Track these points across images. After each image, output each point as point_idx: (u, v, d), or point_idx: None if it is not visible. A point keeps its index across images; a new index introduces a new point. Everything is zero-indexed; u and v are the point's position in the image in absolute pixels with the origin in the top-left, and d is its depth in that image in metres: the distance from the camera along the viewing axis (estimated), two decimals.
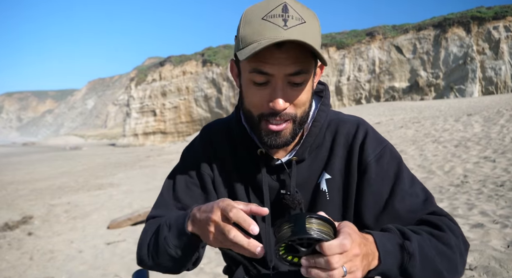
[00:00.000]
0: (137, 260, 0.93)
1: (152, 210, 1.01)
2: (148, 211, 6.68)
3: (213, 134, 1.02)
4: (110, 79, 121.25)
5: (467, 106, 14.85)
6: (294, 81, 0.79)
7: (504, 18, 23.46)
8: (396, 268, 0.72)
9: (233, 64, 0.90)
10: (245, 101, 0.86)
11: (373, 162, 0.88)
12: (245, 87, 0.83)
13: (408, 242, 0.73)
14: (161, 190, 1.03)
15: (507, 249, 2.77)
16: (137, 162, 17.54)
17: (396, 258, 0.71)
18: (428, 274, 0.75)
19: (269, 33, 0.74)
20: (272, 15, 0.75)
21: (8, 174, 15.23)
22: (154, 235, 0.88)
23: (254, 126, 0.85)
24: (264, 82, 0.79)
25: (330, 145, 0.92)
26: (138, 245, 0.93)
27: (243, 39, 0.78)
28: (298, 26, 0.75)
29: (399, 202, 0.85)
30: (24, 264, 4.70)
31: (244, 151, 0.97)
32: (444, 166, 6.12)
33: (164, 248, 0.83)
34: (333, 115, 0.96)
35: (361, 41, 28.83)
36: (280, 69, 0.76)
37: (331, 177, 0.90)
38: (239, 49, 0.78)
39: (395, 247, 0.72)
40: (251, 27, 0.77)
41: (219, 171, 0.98)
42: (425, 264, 0.74)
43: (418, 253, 0.73)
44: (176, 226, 0.82)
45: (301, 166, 0.92)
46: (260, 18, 0.76)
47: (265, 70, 0.77)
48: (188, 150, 1.05)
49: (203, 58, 36.76)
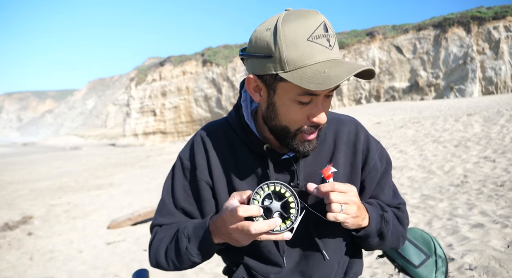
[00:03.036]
0: (153, 264, 1.01)
1: (157, 216, 1.04)
2: (148, 211, 6.68)
3: (209, 137, 1.02)
4: (110, 79, 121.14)
5: (467, 106, 14.84)
6: (329, 95, 0.86)
7: (504, 18, 23.44)
8: (375, 231, 0.93)
9: (252, 79, 0.87)
10: (281, 118, 0.87)
11: (378, 161, 1.02)
12: (286, 107, 0.85)
13: (385, 213, 0.96)
14: (161, 196, 1.05)
15: (507, 249, 2.77)
16: (137, 162, 17.53)
17: (378, 223, 0.93)
18: (393, 238, 1.00)
19: (320, 56, 0.78)
20: (316, 36, 0.78)
21: (8, 174, 15.23)
22: (174, 245, 0.94)
23: (288, 138, 0.89)
24: (309, 101, 0.83)
25: (333, 141, 1.00)
26: (152, 253, 1.00)
27: (290, 62, 0.78)
28: (336, 43, 0.82)
29: (384, 194, 1.05)
30: (24, 264, 4.70)
31: (246, 149, 0.98)
32: (444, 166, 6.12)
33: (187, 257, 0.92)
34: (330, 114, 1.02)
35: (361, 41, 28.82)
36: (325, 89, 0.79)
37: (337, 171, 0.97)
38: (286, 71, 0.79)
39: (378, 215, 0.94)
40: (299, 49, 0.78)
41: (218, 174, 0.99)
42: (393, 230, 0.98)
43: (391, 221, 0.97)
44: (197, 237, 0.91)
45: (306, 160, 0.97)
46: (305, 39, 0.78)
47: (314, 91, 0.80)
48: (184, 154, 1.04)
49: (203, 58, 36.73)
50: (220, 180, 0.99)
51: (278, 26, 0.79)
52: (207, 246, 0.89)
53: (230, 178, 0.98)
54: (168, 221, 1.02)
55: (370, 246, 0.99)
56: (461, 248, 2.92)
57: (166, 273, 3.14)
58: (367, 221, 0.91)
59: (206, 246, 0.89)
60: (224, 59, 34.79)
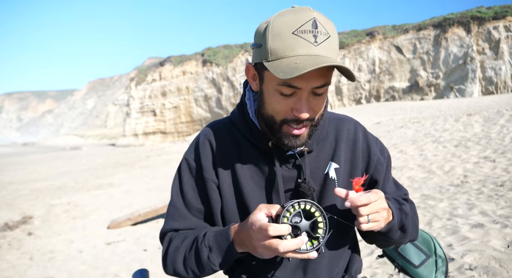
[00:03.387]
0: (170, 273, 1.00)
1: (169, 221, 1.03)
2: (148, 211, 6.67)
3: (214, 135, 1.02)
4: (110, 79, 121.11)
5: (467, 106, 14.84)
6: (318, 92, 0.85)
7: (504, 18, 23.43)
8: (397, 225, 0.94)
9: (250, 68, 0.93)
10: (267, 107, 0.89)
11: (380, 156, 1.05)
12: (269, 95, 0.87)
13: (403, 206, 0.99)
14: (171, 200, 1.04)
15: (507, 249, 2.77)
16: (137, 162, 17.53)
17: (398, 217, 0.95)
18: (413, 229, 1.02)
19: (301, 50, 0.79)
20: (302, 31, 0.79)
21: (8, 174, 15.23)
22: (194, 254, 0.94)
23: (273, 130, 0.90)
24: (291, 93, 0.84)
25: (334, 139, 1.02)
26: (169, 262, 0.99)
27: (273, 52, 0.81)
28: (325, 41, 0.80)
29: (388, 187, 1.07)
30: (24, 264, 4.70)
31: (251, 146, 0.98)
32: (444, 166, 6.11)
33: (209, 266, 0.93)
34: (329, 114, 1.05)
35: (361, 41, 28.81)
36: (308, 84, 0.82)
37: (339, 167, 0.99)
38: (268, 60, 0.82)
39: (397, 209, 0.96)
40: (282, 41, 0.80)
41: (224, 172, 0.99)
42: (412, 222, 1.00)
43: (410, 213, 0.99)
44: (219, 247, 0.91)
45: (310, 156, 0.98)
46: (290, 32, 0.80)
47: (294, 84, 0.82)
48: (189, 154, 1.04)
49: (203, 58, 36.71)
50: (226, 178, 0.99)
51: (271, 19, 0.84)
52: (231, 257, 0.90)
53: (236, 176, 0.98)
54: (181, 225, 1.01)
55: (391, 240, 0.98)
56: (461, 248, 2.92)
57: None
58: (391, 216, 0.92)
59: (230, 256, 0.90)
60: (224, 59, 34.77)
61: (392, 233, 0.94)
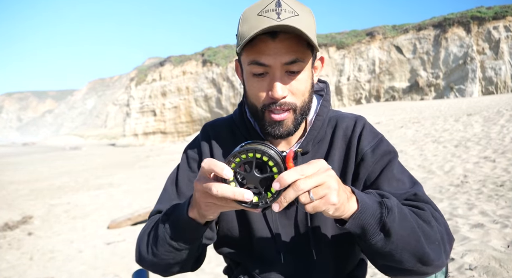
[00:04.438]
0: (136, 257, 0.92)
1: (156, 204, 1.02)
2: (148, 211, 6.69)
3: (214, 130, 1.04)
4: (110, 79, 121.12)
5: (467, 106, 14.84)
6: (291, 70, 0.82)
7: (504, 18, 23.43)
8: (375, 222, 0.72)
9: (237, 63, 0.93)
10: (248, 95, 0.89)
11: (369, 152, 0.93)
12: (247, 81, 0.87)
13: (386, 199, 0.75)
14: (164, 186, 1.05)
15: (507, 249, 2.77)
16: (137, 162, 17.53)
17: (375, 211, 0.72)
18: (407, 235, 0.74)
19: (263, 26, 0.77)
20: (266, 11, 0.79)
21: (8, 174, 15.23)
22: (154, 227, 0.87)
23: (258, 119, 0.89)
24: (262, 73, 0.83)
25: (330, 138, 0.98)
26: (137, 240, 0.93)
27: (241, 36, 0.81)
28: (291, 18, 0.78)
29: (387, 185, 0.88)
30: (24, 264, 4.70)
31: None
32: (444, 166, 6.11)
33: (164, 236, 0.81)
34: (334, 113, 1.01)
35: (361, 41, 28.81)
36: (276, 59, 0.80)
37: (331, 167, 0.92)
38: (239, 45, 0.82)
39: (374, 202, 0.73)
40: (247, 23, 0.80)
41: None
42: (404, 223, 0.74)
43: (397, 209, 0.74)
44: (175, 213, 0.81)
45: (305, 157, 0.95)
46: (255, 14, 0.80)
47: (261, 61, 0.81)
48: (190, 146, 1.07)
49: (203, 58, 36.72)
50: None
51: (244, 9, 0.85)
52: (183, 223, 0.78)
53: None
54: (166, 207, 0.94)
55: (374, 247, 0.74)
56: (461, 248, 2.92)
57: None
58: (355, 204, 0.71)
59: (182, 222, 0.79)
60: (224, 59, 34.78)
61: (370, 235, 0.72)
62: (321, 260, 0.96)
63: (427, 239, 0.76)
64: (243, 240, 0.98)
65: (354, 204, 0.71)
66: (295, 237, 0.95)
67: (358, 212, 0.70)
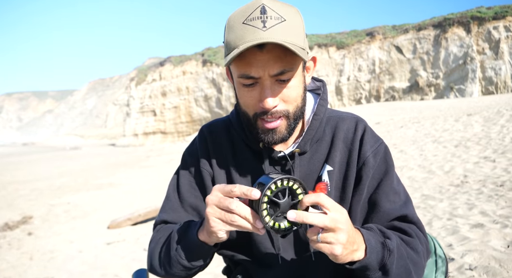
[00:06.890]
0: (148, 267, 0.96)
1: (160, 214, 1.02)
2: (148, 211, 6.66)
3: (212, 132, 1.04)
4: (110, 79, 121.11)
5: (467, 106, 14.84)
6: (281, 79, 0.81)
7: (504, 18, 23.44)
8: (376, 263, 0.76)
9: (227, 69, 0.92)
10: (239, 102, 0.89)
11: (371, 157, 0.94)
12: (238, 90, 0.87)
13: (388, 240, 0.79)
14: (166, 193, 1.05)
15: (507, 249, 2.77)
16: (137, 162, 17.53)
17: (378, 253, 0.77)
18: (401, 272, 0.80)
19: (249, 36, 0.76)
20: (251, 19, 0.77)
21: (8, 174, 15.24)
22: (165, 245, 0.90)
23: (250, 125, 0.88)
24: (252, 83, 0.82)
25: (330, 139, 0.96)
26: (149, 254, 0.96)
27: (227, 45, 0.81)
28: (277, 25, 0.77)
29: (385, 198, 0.91)
30: (24, 264, 4.70)
31: (245, 146, 0.99)
32: (444, 166, 6.11)
33: (176, 259, 0.86)
34: (332, 112, 1.00)
35: (361, 41, 28.81)
36: (264, 71, 0.79)
37: (332, 169, 0.94)
38: (226, 55, 0.82)
39: (378, 244, 0.78)
40: (233, 32, 0.79)
41: (219, 167, 1.00)
42: (400, 262, 0.80)
43: (397, 251, 0.79)
44: (186, 235, 0.85)
45: (303, 158, 0.95)
46: (241, 22, 0.78)
47: (251, 74, 0.80)
48: (188, 150, 1.07)
49: (203, 58, 36.73)
50: (221, 175, 0.99)
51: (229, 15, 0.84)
52: (193, 246, 0.83)
53: (230, 173, 0.99)
54: (170, 217, 0.99)
55: None
56: (461, 248, 2.91)
57: None
58: (363, 252, 0.75)
59: (192, 245, 0.83)
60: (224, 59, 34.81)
61: (370, 273, 0.77)
62: (319, 262, 0.95)
63: (415, 267, 0.84)
64: (242, 241, 0.98)
65: (361, 253, 0.75)
66: (294, 238, 0.95)
67: (365, 259, 0.75)
